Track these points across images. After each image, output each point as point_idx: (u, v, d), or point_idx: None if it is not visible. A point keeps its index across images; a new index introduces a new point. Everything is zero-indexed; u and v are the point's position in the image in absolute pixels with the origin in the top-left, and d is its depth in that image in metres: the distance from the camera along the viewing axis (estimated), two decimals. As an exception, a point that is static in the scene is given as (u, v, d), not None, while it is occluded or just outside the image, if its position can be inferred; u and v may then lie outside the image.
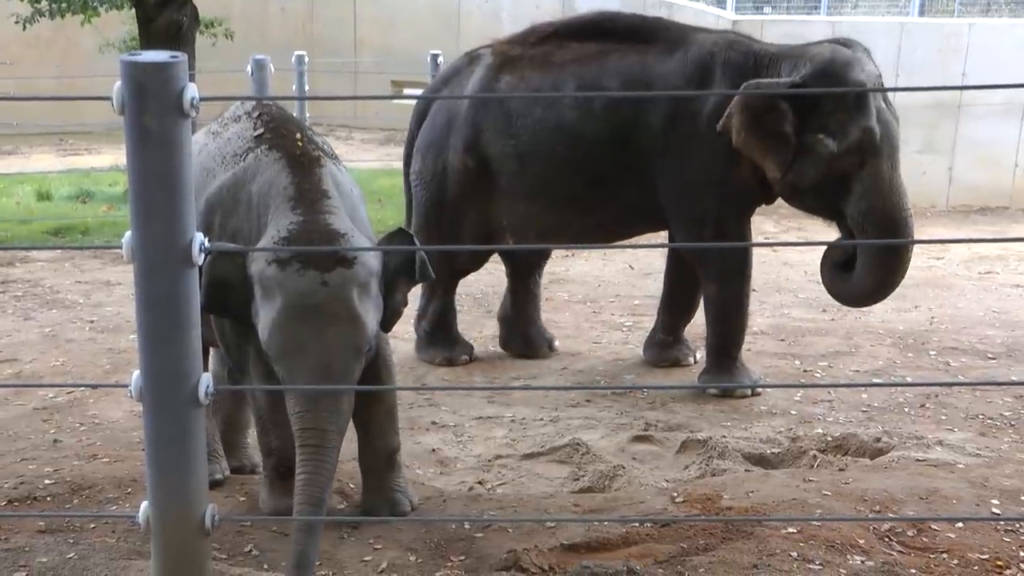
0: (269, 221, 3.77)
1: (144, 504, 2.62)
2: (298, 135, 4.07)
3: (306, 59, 10.04)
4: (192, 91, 2.45)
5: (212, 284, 3.67)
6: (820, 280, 6.01)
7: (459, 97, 6.48)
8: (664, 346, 6.50)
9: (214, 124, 4.28)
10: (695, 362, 6.43)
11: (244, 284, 3.70)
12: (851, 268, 5.73)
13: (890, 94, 5.74)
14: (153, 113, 2.44)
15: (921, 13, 25.42)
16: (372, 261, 3.69)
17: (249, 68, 8.38)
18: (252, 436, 4.70)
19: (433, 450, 5.26)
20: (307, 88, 10.07)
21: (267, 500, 4.15)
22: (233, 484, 4.50)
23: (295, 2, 17.72)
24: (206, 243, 2.58)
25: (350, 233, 3.70)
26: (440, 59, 10.22)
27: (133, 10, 10.67)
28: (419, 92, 11.31)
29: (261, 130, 4.06)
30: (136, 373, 2.54)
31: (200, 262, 2.55)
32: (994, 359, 6.62)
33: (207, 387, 2.60)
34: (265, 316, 3.61)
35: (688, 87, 5.80)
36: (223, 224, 3.95)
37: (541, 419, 5.67)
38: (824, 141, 5.48)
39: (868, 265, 5.64)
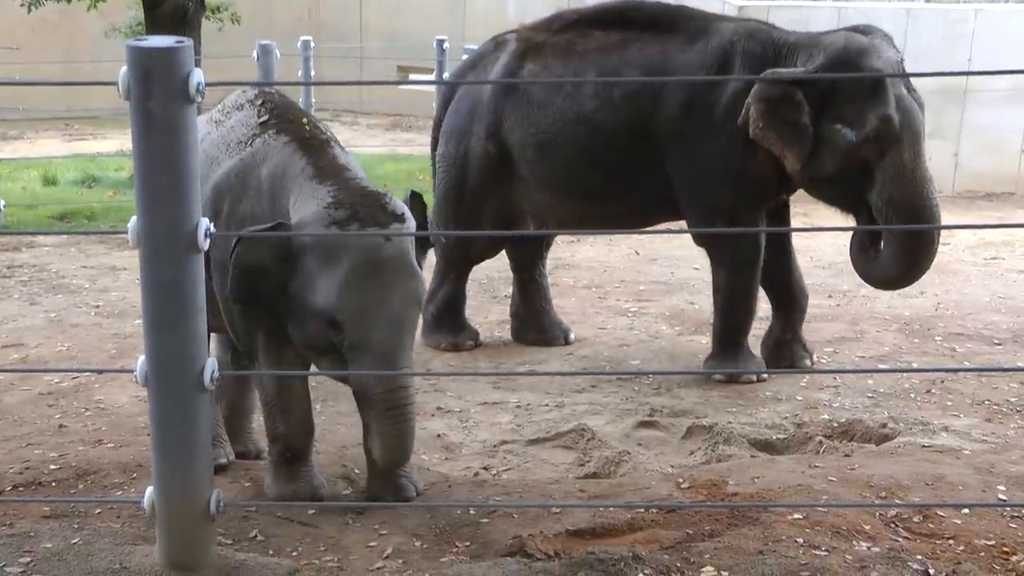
0: (296, 200, 3.78)
1: (149, 489, 2.62)
2: (304, 120, 4.10)
3: (312, 44, 10.04)
4: (198, 76, 2.45)
5: (244, 271, 3.69)
6: (826, 266, 5.99)
7: (462, 82, 6.49)
8: (779, 346, 6.27)
9: (215, 112, 4.27)
10: (812, 363, 6.22)
11: (279, 266, 3.70)
12: (878, 251, 5.72)
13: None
14: (159, 98, 2.44)
15: (927, -1, 25.19)
16: (411, 220, 3.75)
17: (255, 53, 8.38)
18: (257, 421, 4.70)
19: (438, 435, 5.26)
20: (313, 73, 10.08)
21: (272, 486, 4.15)
22: (238, 469, 4.51)
23: (301, -13, 17.71)
24: (211, 228, 2.58)
25: (388, 194, 3.76)
26: (446, 44, 10.22)
27: (139, -5, 10.67)
28: (425, 77, 11.31)
29: (266, 117, 4.07)
30: (141, 358, 2.54)
31: (205, 247, 2.55)
32: (1000, 345, 6.62)
33: (212, 372, 2.61)
34: (329, 281, 3.61)
35: (708, 76, 5.79)
36: (232, 210, 3.95)
37: (546, 405, 5.67)
38: (842, 131, 5.45)
39: (894, 252, 5.63)
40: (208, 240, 2.57)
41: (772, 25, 6.05)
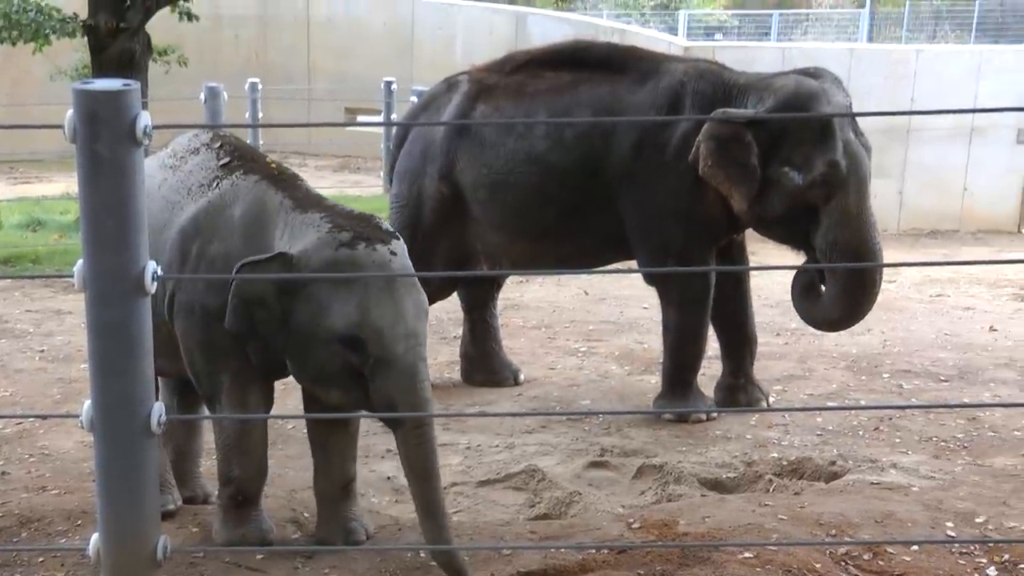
0: (284, 233, 3.82)
1: (94, 536, 2.58)
2: (267, 159, 4.16)
3: (259, 86, 10.04)
4: (145, 119, 2.43)
5: (244, 302, 3.73)
6: (774, 305, 6.02)
7: (411, 124, 6.50)
8: (733, 389, 6.24)
9: (166, 157, 4.26)
10: (768, 405, 6.19)
11: (281, 297, 3.73)
12: (820, 292, 5.75)
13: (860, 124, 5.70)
14: (105, 141, 2.42)
15: (870, 39, 25.70)
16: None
17: (202, 96, 8.36)
18: (204, 465, 4.65)
19: (388, 478, 5.23)
20: (260, 115, 10.07)
21: (220, 530, 4.11)
22: (185, 515, 4.46)
23: (248, 29, 17.69)
24: (159, 271, 2.55)
25: (375, 215, 3.87)
26: (394, 86, 10.25)
27: (85, 38, 10.61)
28: (373, 119, 11.33)
29: (227, 159, 4.09)
30: (87, 403, 2.51)
31: (152, 290, 2.52)
32: (946, 381, 6.67)
33: (160, 416, 2.57)
34: (347, 301, 3.66)
35: (658, 117, 5.83)
36: (201, 252, 3.95)
37: (496, 446, 5.66)
38: (789, 174, 5.47)
39: (836, 294, 5.62)
40: (155, 283, 2.54)
41: (722, 65, 6.08)
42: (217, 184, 4.02)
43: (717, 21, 30.39)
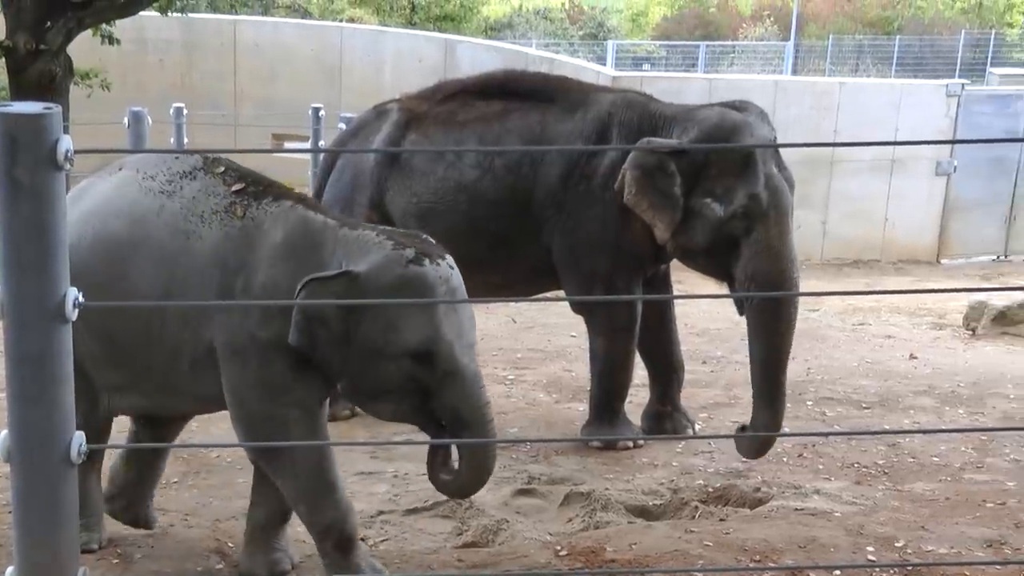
0: (341, 252, 3.79)
1: (9, 569, 2.53)
2: (279, 183, 4.14)
3: (184, 111, 9.93)
4: (67, 143, 2.41)
5: (307, 319, 3.70)
6: (700, 333, 6.04)
7: (338, 151, 6.47)
8: (661, 417, 6.27)
9: (143, 181, 4.07)
10: (694, 432, 6.23)
11: (345, 315, 3.70)
12: None
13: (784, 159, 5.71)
14: (25, 166, 2.39)
15: (794, 71, 26.10)
16: None
17: (126, 120, 8.26)
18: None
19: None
20: (186, 140, 9.96)
21: None
22: (105, 545, 4.39)
23: (173, 53, 17.54)
24: (80, 299, 2.52)
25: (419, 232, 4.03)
26: (322, 112, 10.19)
27: (3, 59, 10.46)
28: (301, 145, 11.27)
29: (240, 184, 4.01)
30: (4, 432, 2.46)
31: (73, 318, 2.49)
32: (868, 408, 6.76)
33: (80, 446, 2.54)
34: (418, 317, 3.71)
35: (585, 146, 5.84)
36: (247, 285, 3.85)
37: (424, 474, 5.60)
38: (711, 205, 5.47)
39: (753, 328, 5.56)
40: (76, 310, 2.51)
41: (650, 96, 6.13)
42: (241, 211, 3.93)
43: (645, 52, 30.69)
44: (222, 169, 4.08)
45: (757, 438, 5.44)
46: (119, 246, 3.96)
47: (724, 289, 5.87)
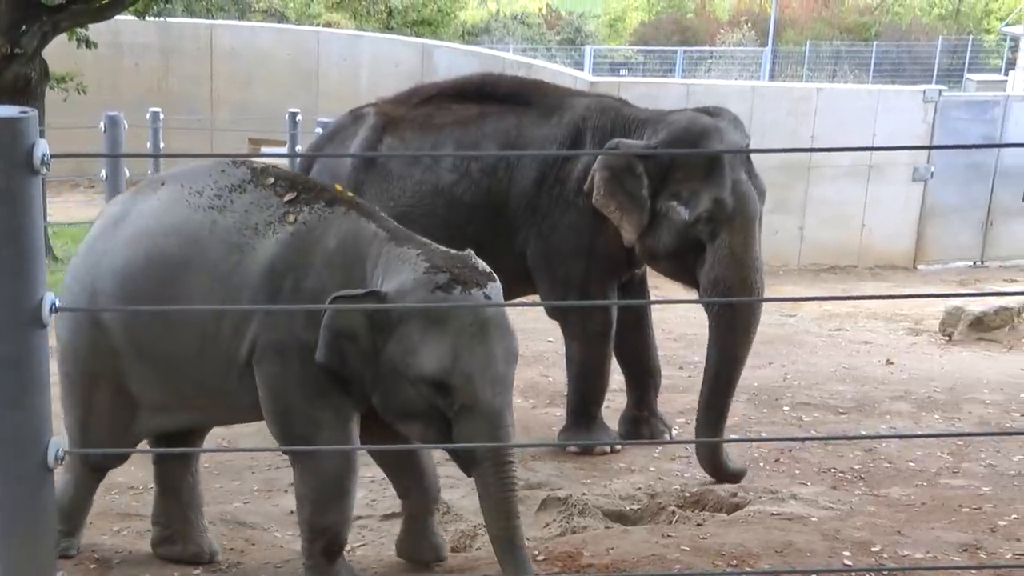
0: (380, 266, 3.76)
1: (-13, 574, 2.52)
2: (336, 186, 4.11)
3: (161, 116, 9.91)
4: (43, 148, 2.40)
5: (337, 335, 3.66)
6: (677, 338, 6.05)
7: (315, 155, 6.45)
8: (638, 422, 6.27)
9: (190, 197, 4.00)
10: (671, 437, 6.23)
11: (373, 333, 3.67)
12: None
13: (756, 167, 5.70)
14: (1, 170, 2.38)
15: (772, 77, 26.23)
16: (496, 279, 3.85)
17: (102, 124, 8.23)
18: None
19: (291, 512, 5.16)
20: (162, 145, 9.93)
21: None
22: (82, 550, 4.37)
23: (150, 57, 17.50)
24: (57, 303, 2.51)
25: (470, 253, 3.84)
26: (298, 117, 10.17)
27: (-22, 63, 10.42)
28: (277, 150, 11.25)
29: (292, 193, 3.96)
30: (-19, 438, 2.45)
31: (50, 323, 2.48)
32: (844, 414, 6.78)
33: (57, 451, 2.53)
34: (439, 345, 3.61)
35: (562, 151, 5.84)
36: (296, 287, 3.82)
37: (401, 479, 5.61)
38: (677, 209, 5.46)
39: (711, 336, 5.55)
40: (52, 315, 2.50)
41: (624, 101, 6.13)
42: (295, 219, 3.89)
43: (623, 57, 30.78)
44: (272, 180, 4.02)
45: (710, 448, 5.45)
46: (173, 266, 3.92)
47: (694, 294, 5.86)
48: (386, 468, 4.37)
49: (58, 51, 11.89)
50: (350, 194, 4.09)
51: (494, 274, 3.80)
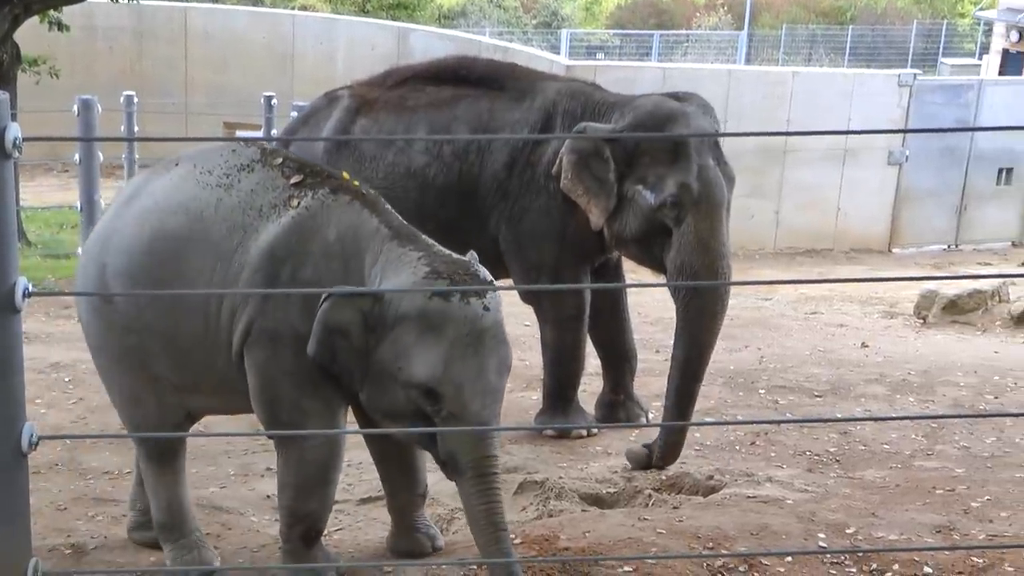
0: (379, 264, 3.71)
1: (-38, 560, 2.51)
2: (343, 174, 4.03)
3: (135, 99, 9.85)
4: (15, 131, 2.38)
5: (330, 331, 3.61)
6: (653, 322, 6.04)
7: (290, 139, 6.43)
8: (614, 406, 6.27)
9: (200, 176, 3.98)
10: (648, 421, 6.21)
11: (365, 332, 3.62)
12: None
13: (724, 148, 5.67)
14: (-27, 153, 2.36)
15: (748, 61, 26.25)
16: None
17: (75, 108, 8.19)
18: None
19: (268, 496, 5.17)
20: (136, 129, 9.88)
21: (295, 574, 4.00)
22: (58, 536, 4.36)
23: (123, 41, 17.39)
24: (30, 288, 2.49)
25: (471, 260, 3.76)
26: (274, 101, 10.14)
27: (-50, 46, 10.34)
28: (253, 134, 11.21)
29: (298, 176, 3.92)
30: (-46, 423, 2.44)
31: (23, 307, 2.46)
32: (820, 396, 6.81)
33: (31, 436, 2.51)
34: (431, 353, 3.55)
35: (531, 135, 5.83)
36: (294, 275, 3.78)
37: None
38: (643, 193, 5.42)
39: (678, 324, 5.49)
40: (26, 300, 2.48)
41: (596, 86, 6.13)
42: (298, 203, 3.85)
43: (599, 40, 30.77)
44: (280, 161, 3.98)
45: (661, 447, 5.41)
46: (177, 243, 3.89)
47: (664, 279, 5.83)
48: (377, 459, 4.35)
49: (30, 34, 11.79)
50: (356, 182, 4.01)
51: (495, 282, 3.77)
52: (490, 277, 3.76)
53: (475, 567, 3.98)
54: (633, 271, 7.00)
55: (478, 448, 3.61)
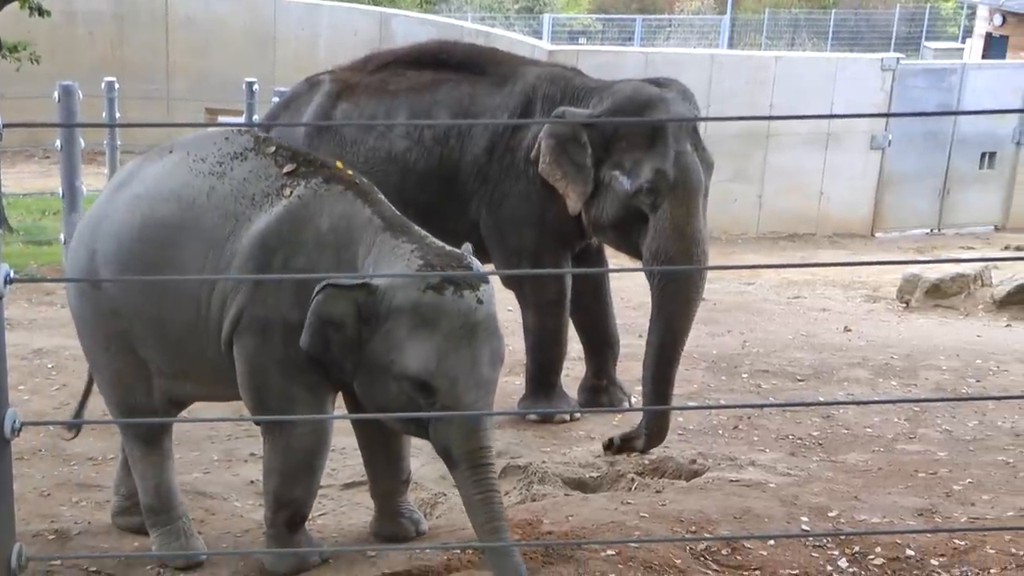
0: (371, 256, 3.71)
1: (-55, 546, 2.51)
2: (338, 163, 4.02)
3: (116, 85, 9.81)
4: (-5, 117, 2.37)
5: (323, 322, 3.60)
6: (636, 307, 6.04)
7: (273, 124, 6.42)
8: (597, 391, 6.27)
9: (194, 163, 3.97)
10: (630, 405, 6.19)
11: (359, 324, 3.61)
12: None
13: (703, 132, 5.66)
14: (-47, 139, 2.36)
15: (730, 45, 26.21)
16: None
17: (56, 94, 8.15)
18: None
19: (251, 481, 5.17)
20: (117, 115, 9.84)
21: (278, 561, 3.98)
22: (41, 521, 4.36)
23: (104, 26, 17.30)
24: (12, 274, 2.49)
25: (465, 252, 3.76)
26: (255, 86, 10.10)
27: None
28: (234, 120, 11.17)
29: (291, 165, 3.91)
30: (-64, 409, 2.44)
31: (5, 294, 2.46)
32: (802, 380, 6.83)
33: (14, 422, 2.51)
34: (424, 346, 3.54)
35: (511, 120, 5.83)
36: (285, 265, 3.77)
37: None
38: (619, 178, 5.42)
39: (654, 310, 5.48)
40: (8, 287, 2.48)
41: (576, 71, 6.12)
42: (289, 192, 3.84)
43: (581, 25, 30.72)
44: (273, 149, 3.98)
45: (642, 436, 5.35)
46: (168, 230, 3.88)
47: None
48: (361, 445, 4.36)
49: (10, 19, 11.73)
50: (350, 172, 4.01)
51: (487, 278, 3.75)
52: (483, 270, 3.75)
53: (459, 551, 3.99)
54: (615, 256, 7.02)
55: (471, 440, 3.61)
